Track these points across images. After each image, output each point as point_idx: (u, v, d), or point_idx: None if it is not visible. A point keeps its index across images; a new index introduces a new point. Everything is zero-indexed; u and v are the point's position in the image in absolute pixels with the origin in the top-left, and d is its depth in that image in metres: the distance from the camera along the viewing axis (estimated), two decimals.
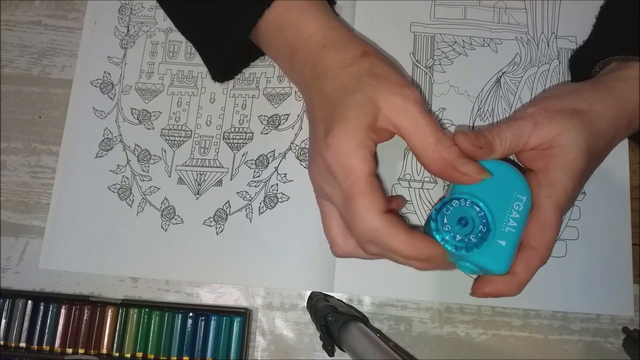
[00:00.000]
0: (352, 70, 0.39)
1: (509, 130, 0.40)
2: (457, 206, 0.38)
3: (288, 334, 0.48)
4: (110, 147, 0.51)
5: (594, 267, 0.47)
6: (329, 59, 0.40)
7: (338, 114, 0.38)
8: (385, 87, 0.38)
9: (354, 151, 0.37)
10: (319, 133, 0.39)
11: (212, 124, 0.51)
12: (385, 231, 0.36)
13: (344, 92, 0.39)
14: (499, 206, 0.38)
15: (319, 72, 0.40)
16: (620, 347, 0.46)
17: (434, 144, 0.37)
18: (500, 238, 0.38)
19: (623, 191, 0.48)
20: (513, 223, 0.38)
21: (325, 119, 0.38)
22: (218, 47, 0.47)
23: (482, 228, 0.38)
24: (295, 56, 0.43)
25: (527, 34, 0.52)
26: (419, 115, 0.38)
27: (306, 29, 0.42)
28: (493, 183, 0.39)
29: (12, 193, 0.51)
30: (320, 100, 0.40)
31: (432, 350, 0.47)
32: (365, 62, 0.40)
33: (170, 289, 0.49)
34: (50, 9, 0.55)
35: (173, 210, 0.49)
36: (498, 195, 0.38)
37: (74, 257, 0.49)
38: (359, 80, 0.39)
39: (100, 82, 0.53)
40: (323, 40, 0.41)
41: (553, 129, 0.39)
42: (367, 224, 0.36)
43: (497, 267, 0.37)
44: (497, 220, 0.38)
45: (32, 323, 0.47)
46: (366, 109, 0.37)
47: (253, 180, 0.50)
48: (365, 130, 0.37)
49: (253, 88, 0.52)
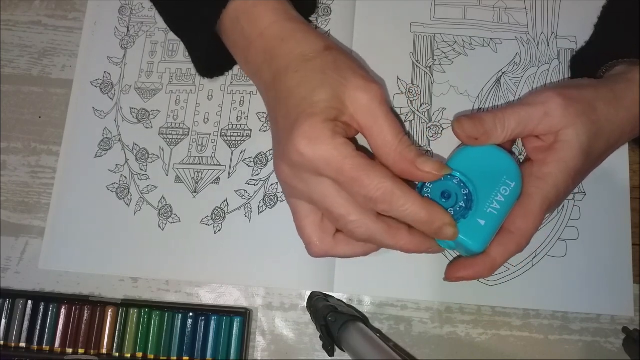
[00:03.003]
0: (315, 64, 0.38)
1: (515, 116, 0.39)
2: (442, 180, 0.38)
3: (288, 334, 0.48)
4: (109, 147, 0.51)
5: (594, 267, 0.47)
6: (289, 52, 0.39)
7: (304, 110, 0.36)
8: (350, 83, 0.37)
9: (332, 139, 0.35)
10: (285, 131, 0.37)
11: (209, 121, 0.51)
12: (400, 193, 0.35)
13: (307, 86, 0.37)
14: (485, 187, 0.39)
15: (279, 67, 0.39)
16: (620, 347, 0.46)
17: (396, 144, 0.37)
18: (481, 217, 0.38)
19: (623, 191, 0.48)
20: (496, 205, 0.38)
21: (290, 115, 0.37)
22: (191, 43, 0.47)
23: (462, 204, 0.38)
24: (251, 49, 0.41)
25: (527, 34, 0.52)
26: (381, 115, 0.37)
27: (263, 20, 0.40)
28: (483, 164, 0.39)
29: (12, 193, 0.51)
30: (283, 96, 0.38)
31: (432, 350, 0.47)
32: (329, 56, 0.38)
33: (170, 289, 0.49)
34: (50, 9, 0.55)
35: (170, 209, 0.49)
36: (486, 177, 0.39)
37: (74, 257, 0.49)
38: (324, 74, 0.37)
39: (101, 82, 0.53)
40: (282, 32, 0.40)
41: (563, 121, 0.39)
42: (385, 191, 0.35)
43: (472, 244, 0.38)
44: (481, 200, 0.38)
45: (32, 323, 0.47)
46: (332, 104, 0.36)
47: (252, 179, 0.50)
48: (334, 122, 0.36)
49: (251, 84, 0.51)
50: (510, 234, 0.39)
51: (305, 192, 0.38)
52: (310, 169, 0.36)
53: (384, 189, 0.35)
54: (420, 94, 0.50)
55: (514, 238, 0.39)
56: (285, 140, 0.37)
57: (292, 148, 0.36)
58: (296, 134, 0.35)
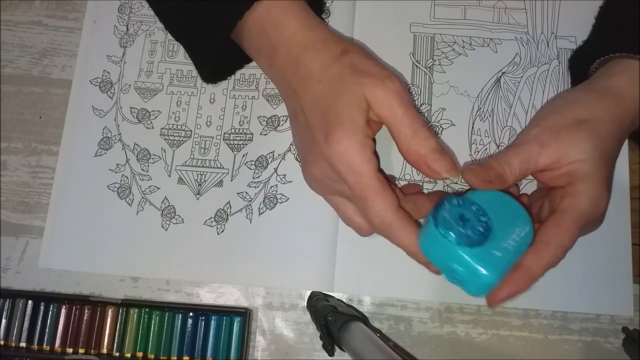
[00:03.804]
0: (334, 71, 0.40)
1: (516, 157, 0.40)
2: (462, 205, 0.38)
3: (288, 334, 0.48)
4: (109, 146, 0.51)
5: (594, 267, 0.47)
6: (311, 61, 0.41)
7: (334, 119, 0.38)
8: (367, 81, 0.39)
9: (358, 154, 0.38)
10: (318, 138, 0.39)
11: (212, 125, 0.51)
12: (397, 226, 0.38)
13: (332, 95, 0.39)
14: (501, 225, 0.38)
15: (302, 75, 0.41)
16: (620, 347, 0.46)
17: (410, 137, 0.38)
18: (497, 250, 0.37)
19: (623, 191, 0.48)
20: (512, 243, 0.37)
21: (322, 124, 0.39)
22: (203, 47, 0.47)
23: (480, 229, 0.37)
24: (276, 55, 0.43)
25: (526, 34, 0.52)
26: (397, 107, 0.38)
27: (288, 28, 0.42)
28: (497, 206, 0.38)
29: (13, 193, 0.51)
30: (311, 105, 0.40)
31: (432, 350, 0.47)
32: (346, 59, 0.40)
33: (170, 289, 0.49)
34: (51, 9, 0.55)
35: (173, 209, 0.49)
36: (501, 216, 0.38)
37: (74, 256, 0.49)
38: (343, 80, 0.39)
39: (100, 81, 0.53)
40: (304, 41, 0.42)
41: (561, 147, 0.39)
42: (383, 220, 0.38)
43: (489, 271, 0.36)
44: (497, 235, 0.37)
45: (32, 323, 0.48)
46: (358, 108, 0.38)
47: (253, 181, 0.50)
48: (362, 130, 0.38)
49: (253, 89, 0.52)
50: (544, 244, 0.38)
51: (339, 189, 0.40)
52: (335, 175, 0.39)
53: (383, 218, 0.38)
54: (420, 94, 0.50)
55: (548, 247, 0.38)
56: (316, 148, 0.40)
57: (322, 155, 0.39)
58: (328, 144, 0.38)
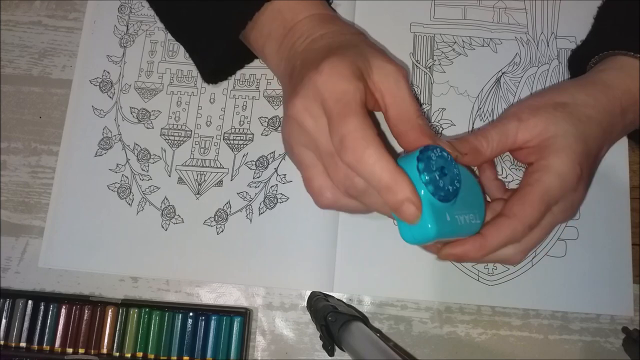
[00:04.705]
0: (348, 38, 0.41)
1: (494, 130, 0.41)
2: (447, 160, 0.37)
3: (288, 334, 0.48)
4: (109, 146, 0.51)
5: (594, 267, 0.47)
6: (327, 28, 0.41)
7: (334, 52, 0.37)
8: (378, 55, 0.38)
9: (350, 77, 0.36)
10: (309, 71, 0.37)
11: (212, 125, 0.51)
12: (374, 146, 0.34)
13: (340, 45, 0.39)
14: (463, 201, 0.38)
15: (314, 37, 0.41)
16: (620, 347, 0.46)
17: (415, 117, 0.37)
18: (450, 216, 0.36)
19: (623, 191, 0.48)
20: (462, 221, 0.37)
21: (316, 60, 0.37)
22: (209, 45, 0.47)
23: (450, 188, 0.36)
24: (290, 33, 0.43)
25: (526, 34, 0.52)
26: (405, 88, 0.38)
27: (307, 9, 0.43)
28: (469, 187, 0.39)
29: (13, 193, 0.51)
30: (313, 53, 0.39)
31: (432, 350, 0.47)
32: (361, 37, 0.42)
33: (170, 289, 0.49)
34: (51, 9, 0.55)
35: (173, 209, 0.49)
36: (467, 196, 0.38)
37: (74, 256, 0.49)
38: (356, 44, 0.39)
39: (100, 81, 0.53)
40: (322, 20, 0.43)
41: (539, 122, 0.40)
42: (360, 130, 0.34)
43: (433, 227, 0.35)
44: (457, 205, 0.37)
45: (32, 323, 0.48)
46: (361, 59, 0.37)
47: (253, 181, 0.50)
48: (359, 71, 0.36)
49: (253, 89, 0.52)
50: (504, 217, 0.38)
51: (312, 130, 0.36)
52: (317, 104, 0.36)
53: (361, 133, 0.34)
54: (420, 94, 0.50)
55: (509, 222, 0.38)
56: (305, 81, 0.37)
57: (309, 80, 0.36)
58: (320, 66, 0.36)
